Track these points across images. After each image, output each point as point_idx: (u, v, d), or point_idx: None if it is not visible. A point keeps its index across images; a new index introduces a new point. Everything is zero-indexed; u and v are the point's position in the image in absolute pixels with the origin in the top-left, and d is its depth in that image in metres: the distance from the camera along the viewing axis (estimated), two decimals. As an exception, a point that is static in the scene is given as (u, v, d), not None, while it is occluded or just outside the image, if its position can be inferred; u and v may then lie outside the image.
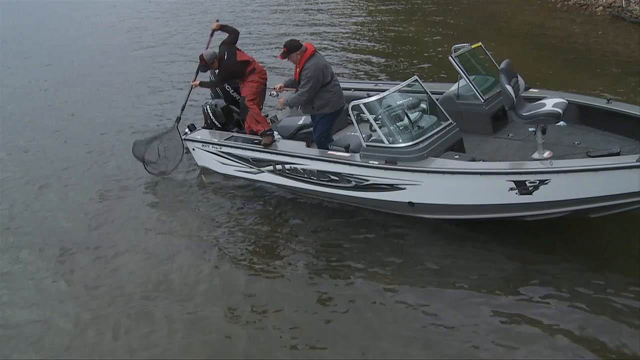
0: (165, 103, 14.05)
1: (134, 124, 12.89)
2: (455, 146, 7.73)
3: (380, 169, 7.59)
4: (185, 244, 8.06)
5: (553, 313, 6.13)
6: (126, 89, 15.75)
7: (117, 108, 14.21)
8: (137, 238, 8.37)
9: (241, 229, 8.33)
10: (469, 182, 7.07)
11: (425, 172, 7.27)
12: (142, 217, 8.94)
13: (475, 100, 8.44)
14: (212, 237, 8.22)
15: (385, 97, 7.72)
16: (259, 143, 8.96)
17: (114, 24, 25.49)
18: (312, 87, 8.01)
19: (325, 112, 8.26)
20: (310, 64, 8.03)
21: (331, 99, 8.22)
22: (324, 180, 8.30)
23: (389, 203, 7.86)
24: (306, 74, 8.00)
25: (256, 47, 17.93)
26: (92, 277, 7.60)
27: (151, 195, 9.65)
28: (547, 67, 13.46)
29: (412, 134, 7.56)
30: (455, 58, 8.45)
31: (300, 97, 8.14)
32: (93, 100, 15.09)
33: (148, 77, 16.53)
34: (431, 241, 7.53)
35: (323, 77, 8.08)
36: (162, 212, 9.08)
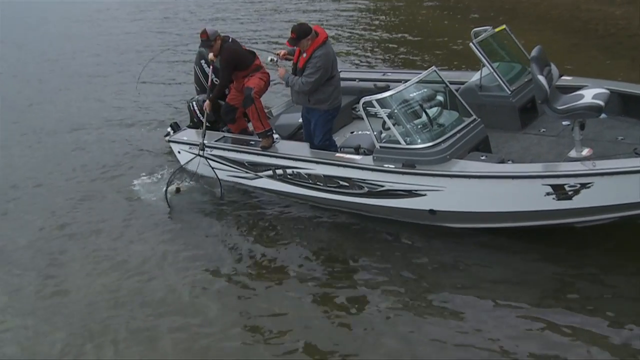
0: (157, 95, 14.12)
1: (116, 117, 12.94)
2: (481, 145, 7.67)
3: (397, 173, 7.53)
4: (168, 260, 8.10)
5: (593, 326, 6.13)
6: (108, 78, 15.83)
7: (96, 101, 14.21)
8: (116, 250, 8.43)
9: (236, 241, 8.30)
10: (498, 187, 7.01)
11: (449, 176, 7.22)
12: (128, 227, 8.97)
13: (500, 92, 8.37)
14: (204, 253, 8.16)
15: (401, 92, 7.64)
16: (256, 144, 8.87)
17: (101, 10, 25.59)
18: (319, 79, 7.95)
19: (321, 107, 8.17)
20: (321, 52, 7.93)
21: (332, 94, 8.16)
22: (332, 186, 8.24)
23: (407, 211, 7.81)
24: (315, 62, 7.90)
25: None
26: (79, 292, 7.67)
27: (128, 203, 9.63)
28: (581, 55, 13.34)
29: (432, 133, 7.50)
30: (477, 44, 8.37)
31: (303, 85, 8.03)
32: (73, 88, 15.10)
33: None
34: (450, 250, 7.54)
35: (330, 69, 8.03)
36: (145, 221, 9.09)
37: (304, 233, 8.28)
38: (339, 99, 8.36)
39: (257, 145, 8.85)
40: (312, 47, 7.96)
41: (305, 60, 8.05)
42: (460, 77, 9.16)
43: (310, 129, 8.48)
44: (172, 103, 13.48)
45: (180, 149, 9.80)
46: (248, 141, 9.09)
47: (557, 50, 13.10)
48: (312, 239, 8.12)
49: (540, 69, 7.08)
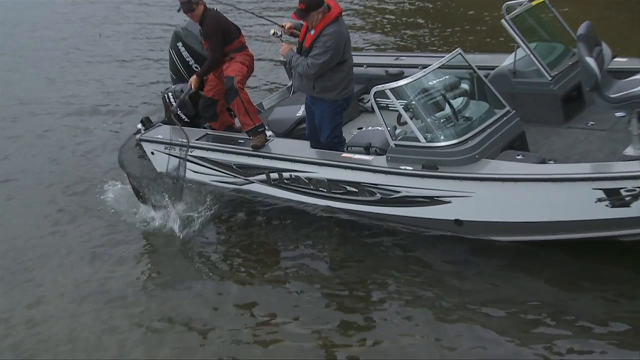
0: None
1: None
2: (516, 142, 7.62)
3: (416, 176, 7.47)
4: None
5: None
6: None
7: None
8: (96, 275, 8.48)
9: (223, 263, 8.29)
10: (538, 192, 6.94)
11: (478, 180, 7.16)
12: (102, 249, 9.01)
13: (538, 78, 8.31)
14: (186, 278, 8.17)
15: (420, 79, 7.59)
16: (246, 143, 8.82)
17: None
18: (327, 61, 7.89)
19: (328, 97, 8.14)
20: (332, 30, 7.86)
21: (342, 81, 8.12)
22: (338, 192, 8.19)
23: (427, 222, 7.78)
24: (325, 41, 7.84)
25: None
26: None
27: (100, 219, 9.62)
28: (638, 33, 13.23)
29: (457, 129, 7.46)
30: (510, 20, 8.29)
31: (308, 68, 7.95)
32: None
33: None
34: (473, 264, 7.59)
35: (343, 51, 7.98)
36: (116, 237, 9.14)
37: (303, 248, 8.26)
38: (351, 89, 8.29)
39: (247, 144, 8.78)
40: (322, 22, 7.87)
41: (313, 38, 7.94)
42: (489, 61, 9.10)
43: (315, 124, 8.43)
44: (145, 92, 13.62)
45: (154, 149, 9.70)
46: (236, 139, 9.03)
47: (609, 28, 12.99)
48: (313, 257, 8.09)
49: (589, 49, 6.98)
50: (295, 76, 8.37)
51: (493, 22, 13.84)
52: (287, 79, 11.24)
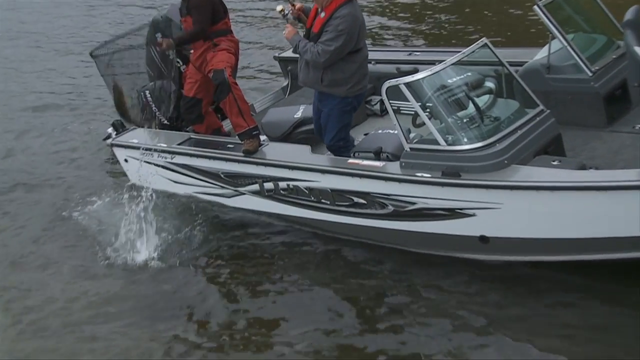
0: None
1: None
2: (551, 147, 7.63)
3: (435, 184, 7.45)
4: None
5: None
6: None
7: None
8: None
9: (208, 293, 8.24)
10: (578, 203, 6.90)
11: (507, 189, 7.13)
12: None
13: (576, 74, 8.34)
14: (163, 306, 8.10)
15: (439, 72, 7.60)
16: (236, 148, 8.84)
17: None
18: (340, 47, 7.95)
19: (337, 92, 8.20)
20: (346, 12, 7.94)
21: (354, 74, 8.17)
22: (343, 205, 8.17)
23: (447, 239, 7.73)
24: (337, 24, 7.91)
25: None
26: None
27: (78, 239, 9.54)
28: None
29: (483, 130, 7.46)
30: (543, 7, 8.32)
31: (319, 55, 7.98)
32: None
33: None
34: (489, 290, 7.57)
35: (357, 38, 8.05)
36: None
37: (302, 274, 8.24)
38: (364, 85, 8.36)
39: (238, 149, 8.79)
40: (334, 3, 7.97)
41: (324, 21, 8.00)
42: (517, 55, 9.13)
43: (322, 124, 8.49)
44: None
45: (127, 155, 9.76)
46: (224, 144, 9.05)
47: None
48: (314, 284, 8.09)
49: (639, 38, 7.00)
50: (300, 67, 8.39)
51: (522, 12, 14.00)
52: (283, 77, 11.30)
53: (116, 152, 9.89)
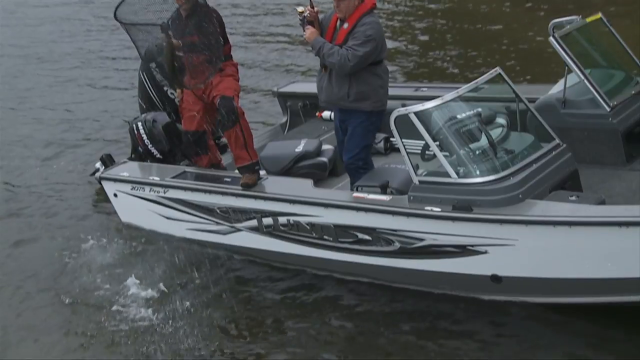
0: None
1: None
2: (568, 182, 7.60)
3: (445, 219, 7.39)
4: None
5: None
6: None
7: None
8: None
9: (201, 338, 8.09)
10: (600, 239, 6.82)
11: (522, 224, 7.07)
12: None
13: (594, 108, 8.33)
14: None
15: (450, 101, 7.60)
16: (233, 182, 8.79)
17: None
18: (369, 52, 8.17)
19: (363, 107, 8.36)
20: (371, 19, 8.24)
21: (379, 88, 8.41)
22: (346, 241, 8.12)
23: (457, 278, 7.68)
24: (365, 30, 8.14)
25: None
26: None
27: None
28: None
29: (496, 162, 7.43)
30: (559, 39, 8.34)
31: (348, 60, 8.13)
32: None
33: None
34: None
35: (381, 46, 8.29)
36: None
37: (303, 319, 8.14)
38: (385, 101, 8.51)
39: (235, 183, 8.76)
40: (357, 13, 8.27)
41: (348, 31, 8.24)
42: (530, 92, 9.12)
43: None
44: (107, 121, 13.81)
45: (117, 190, 9.70)
46: (221, 178, 9.03)
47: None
48: (317, 333, 7.96)
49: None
50: (322, 86, 8.54)
51: (535, 46, 14.12)
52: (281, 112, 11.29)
53: (105, 186, 9.87)
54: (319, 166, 9.23)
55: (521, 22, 16.62)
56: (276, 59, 16.84)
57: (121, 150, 11.51)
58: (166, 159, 9.75)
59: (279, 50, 17.49)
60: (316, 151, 9.28)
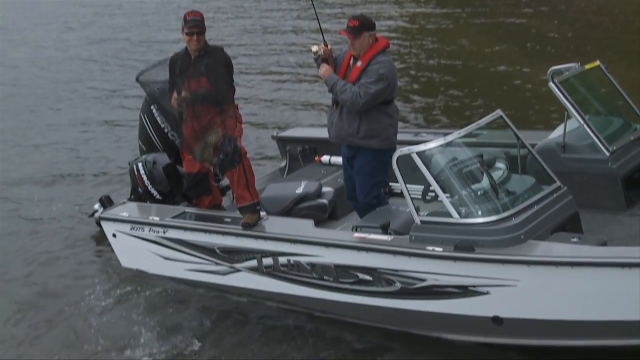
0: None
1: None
2: (568, 224, 7.62)
3: (446, 259, 7.38)
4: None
5: None
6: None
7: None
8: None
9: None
10: (603, 280, 6.81)
11: (524, 264, 7.06)
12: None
13: (594, 153, 8.39)
14: None
15: (452, 142, 7.66)
16: (233, 222, 8.80)
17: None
18: (381, 91, 8.30)
19: (373, 144, 8.45)
20: (384, 58, 8.41)
21: (389, 127, 8.51)
22: (347, 282, 8.09)
23: (458, 320, 7.64)
24: (378, 69, 8.29)
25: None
26: None
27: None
28: None
29: (498, 203, 7.45)
30: (559, 84, 8.42)
31: (360, 97, 8.25)
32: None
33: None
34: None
35: (393, 85, 8.42)
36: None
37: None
38: (395, 139, 8.59)
39: (236, 223, 8.76)
40: (371, 51, 8.39)
41: (361, 69, 8.36)
42: (528, 138, 9.09)
43: (354, 182, 8.67)
44: (105, 163, 13.80)
45: (116, 230, 9.69)
46: (221, 218, 9.04)
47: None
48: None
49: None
50: (333, 122, 8.63)
51: (533, 92, 14.26)
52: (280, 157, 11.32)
53: (104, 227, 9.85)
54: (319, 208, 9.25)
55: (520, 66, 16.73)
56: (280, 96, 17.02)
57: (117, 192, 11.48)
58: (166, 200, 9.76)
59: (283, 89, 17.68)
60: (316, 193, 9.31)
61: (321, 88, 16.34)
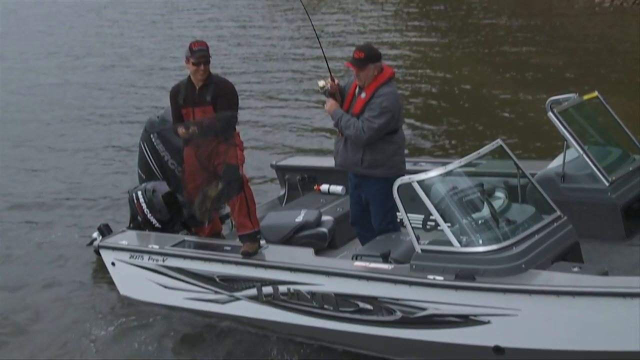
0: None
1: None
2: (569, 254, 7.62)
3: (447, 288, 7.37)
4: None
5: None
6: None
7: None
8: None
9: None
10: (605, 310, 6.80)
11: (526, 293, 7.06)
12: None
13: (593, 183, 8.41)
14: None
15: (452, 171, 7.69)
16: (233, 250, 8.78)
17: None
18: (384, 124, 8.32)
19: (378, 173, 8.46)
20: (388, 90, 8.40)
21: (394, 156, 8.51)
22: (348, 310, 8.07)
23: (458, 350, 7.61)
24: (381, 102, 8.30)
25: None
26: None
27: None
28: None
29: (499, 232, 7.47)
30: (558, 114, 8.46)
31: (363, 132, 8.29)
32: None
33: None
34: None
35: (397, 116, 8.42)
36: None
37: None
38: (403, 167, 8.59)
39: (236, 251, 8.75)
40: (375, 83, 8.40)
41: (365, 101, 8.37)
42: (527, 168, 9.12)
43: (360, 209, 8.74)
44: (105, 190, 13.76)
45: (115, 258, 9.66)
46: (221, 246, 9.03)
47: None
48: None
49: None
50: (338, 150, 8.67)
51: (532, 122, 14.34)
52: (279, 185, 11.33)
53: (103, 255, 9.82)
54: (319, 237, 9.24)
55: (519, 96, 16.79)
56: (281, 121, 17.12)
57: (115, 220, 11.44)
58: (165, 228, 9.74)
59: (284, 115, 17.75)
60: (316, 222, 9.30)
61: (322, 114, 16.42)
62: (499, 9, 26.05)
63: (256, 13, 31.75)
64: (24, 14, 38.91)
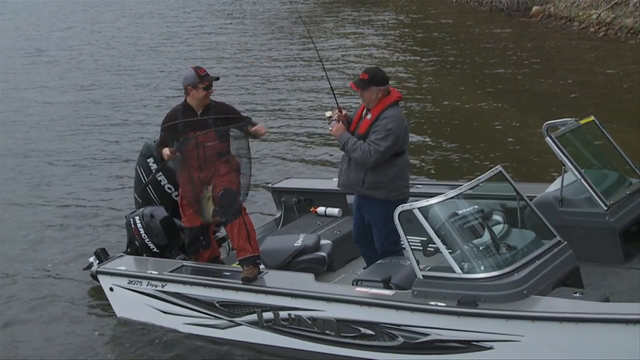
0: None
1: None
2: (570, 279, 7.66)
3: (450, 314, 7.39)
4: None
5: None
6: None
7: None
8: None
9: None
10: (606, 336, 6.84)
11: (528, 320, 7.09)
12: None
13: (591, 207, 8.43)
14: None
15: (453, 198, 7.71)
16: (233, 276, 8.77)
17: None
18: (390, 146, 8.33)
19: (379, 195, 8.49)
20: (393, 112, 8.42)
21: (395, 179, 8.51)
22: (349, 336, 8.06)
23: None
24: (386, 124, 8.32)
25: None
26: None
27: None
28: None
29: (500, 258, 7.51)
30: (555, 139, 8.50)
31: (370, 155, 8.29)
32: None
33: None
34: None
35: (402, 139, 8.42)
36: None
37: None
38: (405, 190, 8.60)
39: (235, 277, 8.73)
40: (381, 105, 8.44)
41: (371, 122, 8.40)
42: (525, 190, 9.14)
43: (362, 229, 8.76)
44: (102, 215, 13.65)
45: (113, 284, 9.62)
46: (221, 272, 9.01)
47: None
48: None
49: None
50: (342, 170, 8.68)
51: (528, 147, 14.41)
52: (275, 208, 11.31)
53: (101, 280, 9.75)
54: (318, 261, 9.21)
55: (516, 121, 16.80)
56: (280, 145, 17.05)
57: (110, 244, 11.34)
58: (163, 253, 9.73)
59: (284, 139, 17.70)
60: (315, 246, 9.27)
61: (322, 139, 16.62)
62: (497, 39, 26.19)
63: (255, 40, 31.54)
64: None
